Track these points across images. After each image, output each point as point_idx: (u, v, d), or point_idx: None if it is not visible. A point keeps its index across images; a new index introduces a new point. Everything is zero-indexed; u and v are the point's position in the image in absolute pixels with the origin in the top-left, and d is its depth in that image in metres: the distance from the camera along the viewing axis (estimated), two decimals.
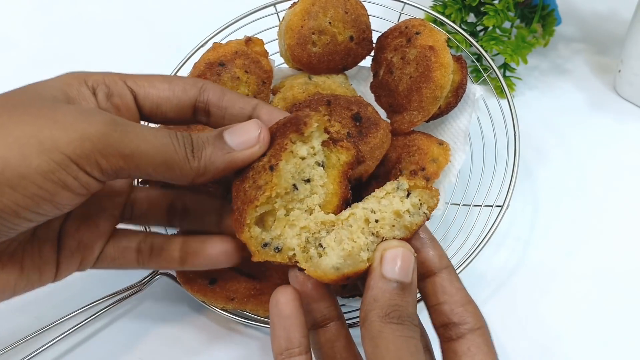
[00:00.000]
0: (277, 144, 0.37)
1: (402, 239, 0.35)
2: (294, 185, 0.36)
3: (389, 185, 0.36)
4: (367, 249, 0.34)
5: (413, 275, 0.33)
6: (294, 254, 0.35)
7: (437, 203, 0.36)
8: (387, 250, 0.33)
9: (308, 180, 0.37)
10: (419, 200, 0.35)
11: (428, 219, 0.36)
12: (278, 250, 0.36)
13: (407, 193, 0.36)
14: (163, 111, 0.39)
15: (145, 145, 0.33)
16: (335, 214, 0.36)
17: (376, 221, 0.35)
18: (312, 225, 0.36)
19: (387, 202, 0.35)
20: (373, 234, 0.34)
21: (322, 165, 0.38)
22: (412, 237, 0.36)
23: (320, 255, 0.34)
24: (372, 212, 0.35)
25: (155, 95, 0.38)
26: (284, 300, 0.35)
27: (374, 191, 0.37)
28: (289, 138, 0.36)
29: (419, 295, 0.38)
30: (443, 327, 0.35)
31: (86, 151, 0.31)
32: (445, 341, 0.35)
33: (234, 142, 0.37)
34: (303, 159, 0.37)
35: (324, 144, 0.38)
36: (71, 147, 0.31)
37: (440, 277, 0.36)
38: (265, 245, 0.36)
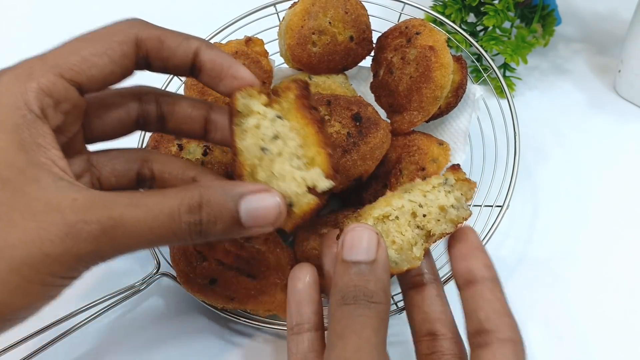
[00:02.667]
0: (230, 134, 0.37)
1: (447, 234, 0.35)
2: (262, 149, 0.36)
3: (435, 180, 0.36)
4: (417, 243, 0.34)
5: (374, 254, 0.33)
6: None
7: (473, 195, 0.36)
8: (346, 233, 0.33)
9: (276, 137, 0.36)
10: (461, 193, 0.36)
11: (471, 213, 0.36)
12: (291, 205, 0.35)
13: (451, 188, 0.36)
14: (109, 83, 0.35)
15: (138, 242, 0.31)
16: (319, 138, 0.36)
17: (424, 215, 0.35)
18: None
19: (433, 197, 0.36)
20: (419, 227, 0.35)
21: (280, 118, 0.37)
22: (463, 245, 0.36)
23: None
24: (419, 206, 0.35)
25: (99, 74, 0.34)
26: (299, 275, 0.35)
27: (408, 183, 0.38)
28: (233, 123, 0.36)
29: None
30: (475, 335, 0.34)
31: (82, 268, 0.31)
32: (473, 349, 0.34)
33: (249, 222, 0.33)
34: (258, 127, 0.36)
35: (271, 102, 0.37)
36: (69, 272, 0.30)
37: (483, 286, 0.35)
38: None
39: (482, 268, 0.36)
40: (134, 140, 0.57)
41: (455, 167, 0.38)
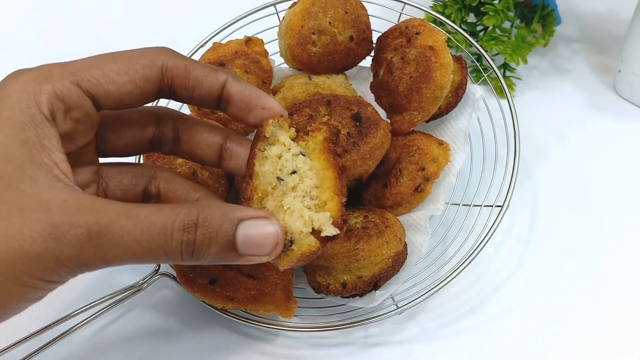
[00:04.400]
0: (249, 157, 0.37)
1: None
2: (278, 178, 0.36)
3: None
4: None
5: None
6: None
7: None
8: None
9: (294, 172, 0.37)
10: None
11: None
12: (291, 243, 0.34)
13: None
14: (126, 103, 0.35)
15: (124, 254, 0.30)
16: (336, 184, 0.36)
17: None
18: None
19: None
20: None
21: (303, 155, 0.38)
22: None
23: None
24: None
25: (116, 92, 0.34)
26: None
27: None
28: (257, 147, 0.36)
29: None
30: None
31: (62, 273, 0.30)
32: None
33: (245, 249, 0.32)
34: (280, 157, 0.37)
35: (298, 138, 0.38)
36: (48, 274, 0.30)
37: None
38: (283, 248, 0.34)
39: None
40: None
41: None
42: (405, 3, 0.61)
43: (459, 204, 0.54)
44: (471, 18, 0.72)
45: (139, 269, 0.54)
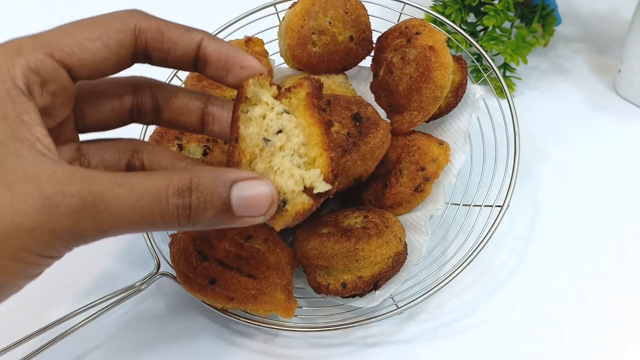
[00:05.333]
0: (233, 120, 0.36)
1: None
2: (265, 139, 0.35)
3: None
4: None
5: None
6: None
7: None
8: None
9: (280, 131, 0.36)
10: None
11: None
12: (285, 203, 0.34)
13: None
14: (102, 71, 0.34)
15: (121, 222, 0.30)
16: (324, 140, 0.36)
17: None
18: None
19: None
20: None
21: (288, 113, 0.37)
22: None
23: None
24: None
25: (91, 59, 0.33)
26: None
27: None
28: (239, 109, 0.36)
29: None
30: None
31: (58, 246, 0.29)
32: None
33: (240, 210, 0.32)
34: (264, 117, 0.36)
35: (280, 96, 0.37)
36: (44, 248, 0.29)
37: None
38: (277, 209, 0.34)
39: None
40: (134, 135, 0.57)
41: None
42: (405, 3, 0.61)
43: (459, 204, 0.54)
44: (471, 18, 0.72)
45: (139, 269, 0.54)
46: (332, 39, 0.54)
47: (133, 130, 0.42)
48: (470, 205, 0.54)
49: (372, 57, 0.57)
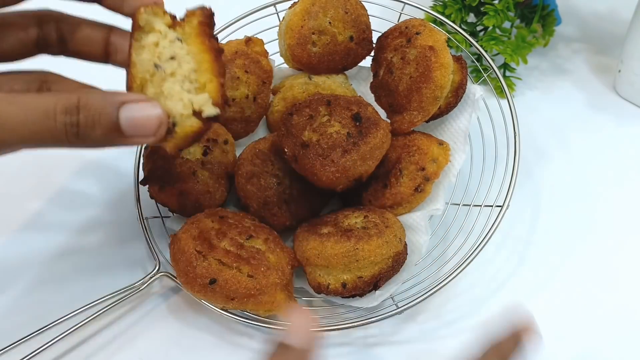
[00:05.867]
0: (129, 48, 0.37)
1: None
2: (155, 65, 0.37)
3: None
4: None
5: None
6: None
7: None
8: None
9: (173, 58, 0.37)
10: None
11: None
12: (174, 125, 0.36)
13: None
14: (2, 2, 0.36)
15: (11, 137, 0.31)
16: (214, 66, 0.37)
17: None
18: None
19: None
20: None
21: (180, 41, 0.38)
22: None
23: None
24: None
25: None
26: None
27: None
28: (133, 38, 0.37)
29: None
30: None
31: None
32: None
33: (130, 131, 0.33)
34: (157, 45, 0.37)
35: (175, 25, 0.38)
36: None
37: None
38: (168, 132, 0.36)
39: None
40: (131, 154, 0.58)
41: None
42: (405, 3, 0.61)
43: (459, 204, 0.54)
44: (471, 18, 0.72)
45: (139, 269, 0.54)
46: (332, 39, 0.54)
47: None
48: (470, 205, 0.54)
49: (372, 57, 0.57)
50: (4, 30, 0.39)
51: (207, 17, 0.38)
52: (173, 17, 0.38)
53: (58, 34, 0.40)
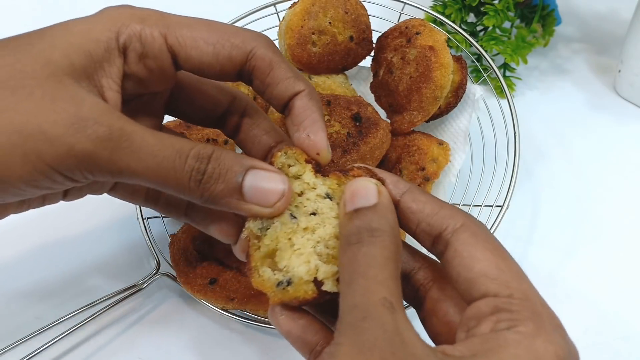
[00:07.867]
0: None
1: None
2: (291, 215, 0.33)
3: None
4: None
5: (375, 198, 0.31)
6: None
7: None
8: (346, 187, 0.32)
9: (314, 214, 0.33)
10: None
11: None
12: (289, 283, 0.31)
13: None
14: (203, 73, 0.36)
15: (137, 165, 0.31)
16: None
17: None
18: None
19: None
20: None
21: (330, 199, 0.34)
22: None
23: None
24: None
25: (197, 59, 0.34)
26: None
27: None
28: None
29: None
30: (432, 247, 0.33)
31: (71, 166, 0.30)
32: (439, 258, 0.33)
33: (249, 194, 0.32)
34: (300, 195, 0.34)
35: (325, 175, 0.34)
36: (56, 161, 0.30)
37: (404, 201, 0.33)
38: (279, 284, 0.32)
39: (392, 187, 0.34)
40: None
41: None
42: (405, 3, 0.61)
43: (459, 204, 0.54)
44: (471, 18, 0.72)
45: (139, 269, 0.54)
46: (332, 39, 0.54)
47: None
48: (470, 205, 0.54)
49: (372, 57, 0.57)
50: (198, 96, 0.39)
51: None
52: (316, 170, 0.34)
53: (239, 120, 0.39)
